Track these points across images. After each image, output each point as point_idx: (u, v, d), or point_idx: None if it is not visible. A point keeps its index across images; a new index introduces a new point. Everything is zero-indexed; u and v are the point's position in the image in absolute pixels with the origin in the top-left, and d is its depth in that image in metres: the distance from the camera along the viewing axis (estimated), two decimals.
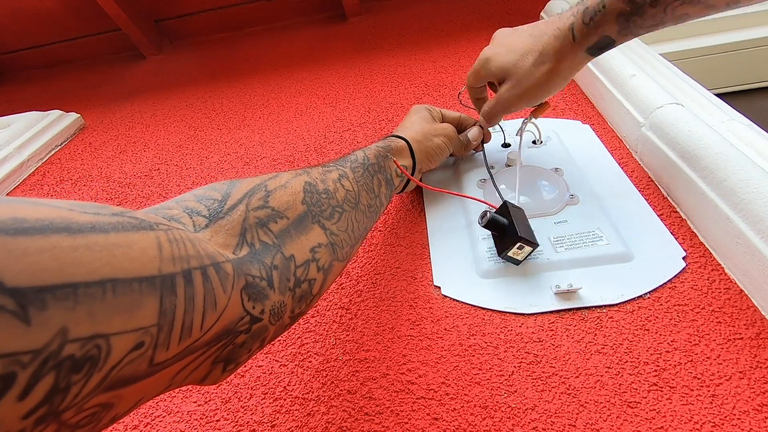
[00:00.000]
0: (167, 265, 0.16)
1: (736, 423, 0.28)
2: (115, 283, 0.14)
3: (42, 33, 1.14)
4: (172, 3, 1.08)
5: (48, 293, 0.12)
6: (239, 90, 0.87)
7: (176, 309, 0.16)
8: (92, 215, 0.15)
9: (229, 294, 0.19)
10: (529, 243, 0.36)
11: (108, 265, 0.14)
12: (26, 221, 0.12)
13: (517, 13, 0.89)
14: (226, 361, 0.21)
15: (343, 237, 0.29)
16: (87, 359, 0.13)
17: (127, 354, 0.14)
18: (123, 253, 0.15)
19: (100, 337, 0.13)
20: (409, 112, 0.49)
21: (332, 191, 0.30)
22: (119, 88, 1.02)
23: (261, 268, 0.22)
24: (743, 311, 0.33)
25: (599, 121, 0.55)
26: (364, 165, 0.36)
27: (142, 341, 0.15)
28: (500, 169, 0.49)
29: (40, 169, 0.77)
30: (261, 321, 0.22)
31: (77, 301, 0.12)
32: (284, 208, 0.26)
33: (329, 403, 0.34)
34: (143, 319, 0.15)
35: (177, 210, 0.22)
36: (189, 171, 0.66)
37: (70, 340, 0.12)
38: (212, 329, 0.18)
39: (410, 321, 0.38)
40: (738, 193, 0.34)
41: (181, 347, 0.17)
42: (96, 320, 0.13)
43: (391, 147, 0.41)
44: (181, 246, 0.18)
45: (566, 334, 0.34)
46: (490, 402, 0.32)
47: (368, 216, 0.34)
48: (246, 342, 0.21)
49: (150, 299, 0.15)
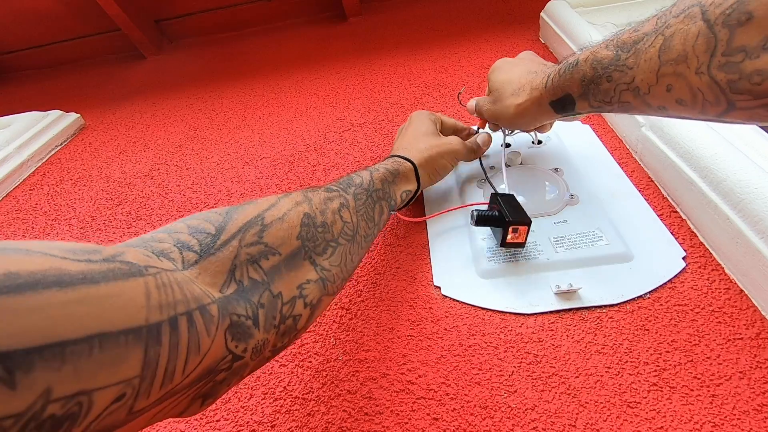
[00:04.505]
0: (154, 314, 0.16)
1: (736, 423, 0.28)
2: (102, 338, 0.14)
3: (42, 33, 1.14)
4: (172, 3, 1.08)
5: (36, 354, 0.12)
6: (239, 90, 0.87)
7: (160, 358, 0.16)
8: (84, 263, 0.15)
9: (213, 336, 0.19)
10: (521, 223, 0.37)
11: (97, 319, 0.14)
12: (19, 276, 0.12)
13: (517, 13, 0.89)
14: (205, 396, 0.21)
15: (335, 272, 0.29)
16: (68, 417, 0.13)
17: (108, 407, 0.14)
18: (112, 303, 0.15)
19: (83, 394, 0.13)
20: (411, 119, 0.48)
21: (330, 224, 0.29)
22: (119, 88, 1.02)
23: (247, 306, 0.22)
24: (743, 311, 0.33)
25: (599, 121, 0.55)
26: (368, 191, 0.35)
27: (124, 393, 0.15)
28: (500, 169, 0.49)
29: (40, 169, 0.77)
30: (242, 359, 0.22)
31: (64, 361, 0.12)
32: (278, 244, 0.25)
33: (329, 403, 0.34)
34: (127, 371, 0.15)
35: (168, 243, 0.22)
36: (189, 171, 0.66)
37: (53, 400, 0.12)
38: (194, 372, 0.18)
39: (410, 321, 0.38)
40: (738, 193, 0.34)
41: (162, 393, 0.17)
42: (80, 377, 0.13)
43: (399, 172, 0.40)
44: (169, 291, 0.17)
45: (566, 334, 0.34)
46: (490, 402, 0.32)
47: (363, 246, 0.34)
48: (226, 378, 0.21)
49: (135, 351, 0.15)
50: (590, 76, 0.31)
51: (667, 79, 0.25)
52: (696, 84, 0.23)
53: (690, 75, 0.23)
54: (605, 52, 0.30)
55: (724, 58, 0.21)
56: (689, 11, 0.23)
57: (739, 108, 0.22)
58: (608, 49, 0.29)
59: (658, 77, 0.26)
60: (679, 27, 0.24)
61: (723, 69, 0.22)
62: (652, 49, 0.25)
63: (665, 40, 0.24)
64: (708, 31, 0.22)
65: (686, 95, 0.24)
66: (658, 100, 0.27)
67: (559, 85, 0.34)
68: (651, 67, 0.26)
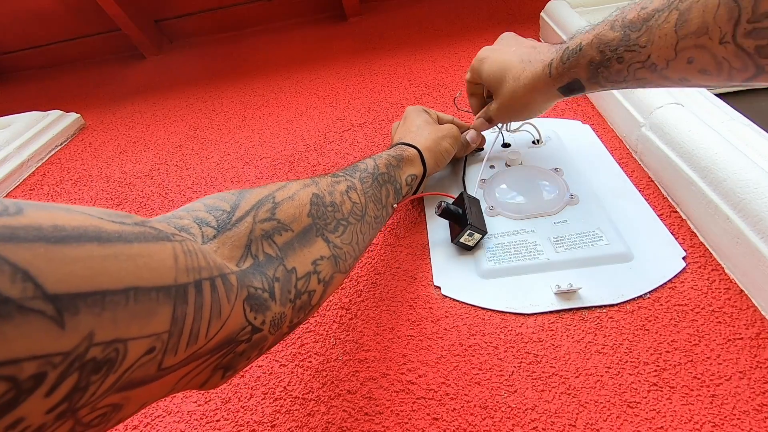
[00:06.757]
0: (182, 276, 0.17)
1: (736, 423, 0.28)
2: (136, 292, 0.15)
3: (42, 33, 1.14)
4: (172, 3, 1.08)
5: (80, 300, 0.13)
6: (239, 90, 0.87)
7: (186, 317, 0.17)
8: (118, 224, 0.16)
9: (232, 304, 0.20)
10: (478, 230, 0.40)
11: (131, 275, 0.15)
12: (64, 229, 0.13)
13: (517, 13, 0.89)
14: (226, 368, 0.22)
15: (346, 250, 0.30)
16: (106, 361, 0.14)
17: (140, 358, 0.15)
18: (144, 263, 0.16)
19: (120, 341, 0.14)
20: (406, 113, 0.48)
21: (339, 204, 0.30)
22: (119, 88, 1.02)
23: (263, 280, 0.23)
24: (743, 311, 0.33)
25: (599, 121, 0.55)
26: (374, 175, 0.36)
27: (154, 346, 0.16)
28: (500, 169, 0.49)
29: (40, 169, 0.77)
30: (261, 331, 0.23)
31: (104, 308, 0.13)
32: (290, 221, 0.26)
33: (329, 403, 0.34)
34: (157, 325, 0.16)
35: (188, 220, 0.23)
36: (189, 171, 0.66)
37: (95, 343, 0.13)
38: (216, 337, 0.19)
39: (410, 321, 0.38)
40: (738, 193, 0.34)
41: (187, 353, 0.18)
42: (118, 326, 0.14)
43: (402, 157, 0.41)
44: (194, 257, 0.18)
45: (566, 334, 0.34)
46: (490, 402, 0.32)
47: (374, 227, 0.35)
48: (246, 351, 0.22)
49: (165, 307, 0.16)
50: (598, 59, 0.31)
51: (687, 52, 0.25)
52: (721, 54, 0.23)
53: (713, 46, 0.23)
54: (612, 34, 0.29)
55: (750, 25, 0.21)
56: None
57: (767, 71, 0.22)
58: (614, 30, 0.29)
59: (677, 51, 0.25)
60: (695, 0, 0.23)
61: (750, 36, 0.22)
62: (666, 25, 0.25)
63: (680, 14, 0.24)
64: (730, 1, 0.22)
65: (710, 65, 0.24)
66: (678, 73, 0.27)
67: (564, 72, 0.34)
68: (668, 43, 0.26)
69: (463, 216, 0.40)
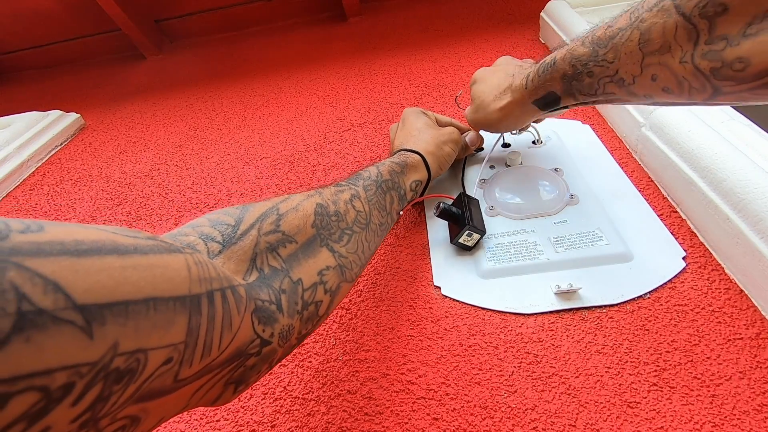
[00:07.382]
0: (195, 286, 0.17)
1: (736, 423, 0.28)
2: (155, 302, 0.15)
3: (42, 33, 1.14)
4: (172, 3, 1.08)
5: (107, 310, 0.13)
6: (239, 90, 0.87)
7: (200, 327, 0.17)
8: (132, 238, 0.16)
9: (242, 316, 0.20)
10: (476, 230, 0.40)
11: (150, 285, 0.15)
12: (84, 243, 0.14)
13: (517, 14, 0.89)
14: (237, 382, 0.22)
15: (352, 258, 0.30)
16: (128, 371, 0.14)
17: (158, 368, 0.15)
18: (161, 273, 0.16)
19: (141, 351, 0.14)
20: (405, 115, 0.48)
21: (343, 213, 0.31)
22: (119, 88, 1.02)
23: (270, 292, 0.23)
24: (743, 311, 0.33)
25: (599, 121, 0.55)
26: (377, 182, 0.36)
27: (171, 356, 0.16)
28: (500, 169, 0.49)
29: (40, 169, 0.77)
30: (270, 344, 0.23)
31: (128, 318, 0.14)
32: (294, 232, 0.26)
33: (329, 403, 0.34)
34: (175, 335, 0.16)
35: (193, 237, 0.23)
36: (189, 171, 0.66)
37: (119, 353, 0.13)
38: (227, 349, 0.19)
39: (410, 321, 0.38)
40: (738, 193, 0.34)
41: (201, 365, 0.18)
42: (140, 336, 0.14)
43: (406, 163, 0.41)
44: (205, 268, 0.19)
45: (566, 334, 0.34)
46: (490, 402, 0.32)
47: (379, 234, 0.35)
48: (256, 364, 0.22)
49: (181, 317, 0.16)
50: (570, 73, 0.32)
51: (652, 69, 0.26)
52: (681, 72, 0.24)
53: (674, 64, 0.24)
54: (582, 50, 0.31)
55: (706, 47, 0.22)
56: (662, 4, 0.24)
57: (724, 93, 0.23)
58: (584, 46, 0.30)
59: (643, 68, 0.26)
60: (654, 20, 0.24)
61: (706, 57, 0.22)
62: (630, 43, 0.26)
63: (642, 34, 0.25)
64: (686, 23, 0.23)
65: (672, 83, 0.25)
66: (643, 89, 0.27)
67: (540, 84, 0.35)
68: (634, 59, 0.26)
69: (462, 216, 0.40)
